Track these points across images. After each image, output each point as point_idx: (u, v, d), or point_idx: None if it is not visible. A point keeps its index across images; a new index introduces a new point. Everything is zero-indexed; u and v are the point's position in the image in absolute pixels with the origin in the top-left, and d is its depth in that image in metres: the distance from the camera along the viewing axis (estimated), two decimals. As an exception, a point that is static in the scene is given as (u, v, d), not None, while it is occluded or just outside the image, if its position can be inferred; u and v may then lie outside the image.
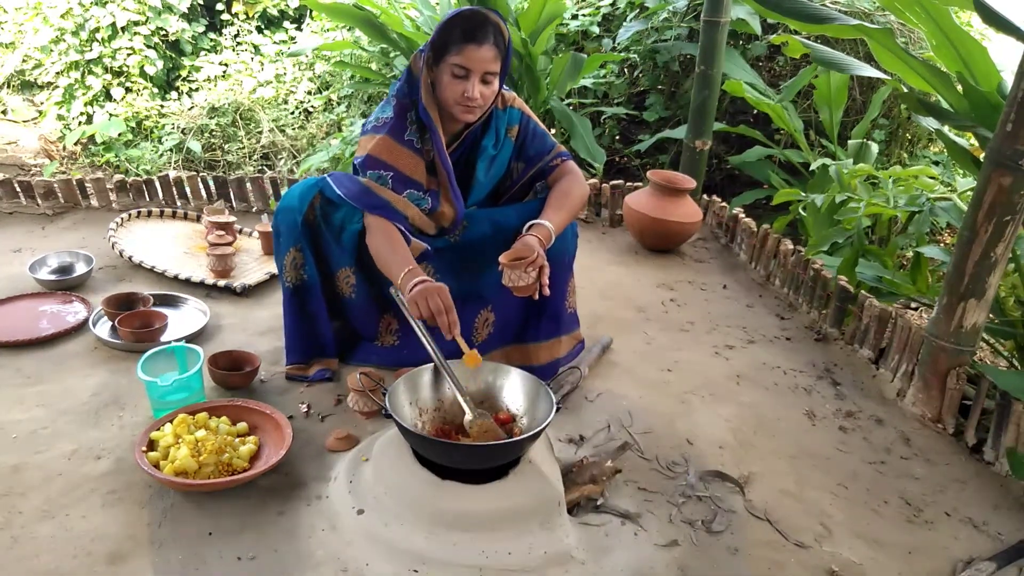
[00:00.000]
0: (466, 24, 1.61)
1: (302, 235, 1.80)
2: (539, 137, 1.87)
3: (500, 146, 1.83)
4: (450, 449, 1.43)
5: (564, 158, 1.87)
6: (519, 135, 1.85)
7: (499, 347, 1.93)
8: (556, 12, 3.55)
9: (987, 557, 1.52)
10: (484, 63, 1.62)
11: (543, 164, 1.86)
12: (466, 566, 1.33)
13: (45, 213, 2.86)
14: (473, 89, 1.63)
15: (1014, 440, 1.80)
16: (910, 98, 2.28)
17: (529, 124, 1.86)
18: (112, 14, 4.36)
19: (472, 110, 1.68)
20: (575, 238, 1.89)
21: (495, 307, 1.88)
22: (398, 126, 1.74)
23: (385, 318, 1.97)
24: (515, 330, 1.93)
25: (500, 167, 1.85)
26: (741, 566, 1.44)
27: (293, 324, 1.89)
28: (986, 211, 1.80)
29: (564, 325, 1.97)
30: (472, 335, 1.88)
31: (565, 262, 1.87)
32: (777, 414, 1.98)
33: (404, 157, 1.75)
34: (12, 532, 1.35)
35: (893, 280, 2.42)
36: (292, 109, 4.68)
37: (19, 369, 1.86)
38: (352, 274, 1.86)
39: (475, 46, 1.60)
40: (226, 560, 1.33)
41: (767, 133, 3.90)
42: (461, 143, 1.81)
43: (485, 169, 1.82)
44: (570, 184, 1.82)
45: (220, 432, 1.57)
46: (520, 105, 1.85)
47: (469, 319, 1.87)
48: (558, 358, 1.96)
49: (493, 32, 1.62)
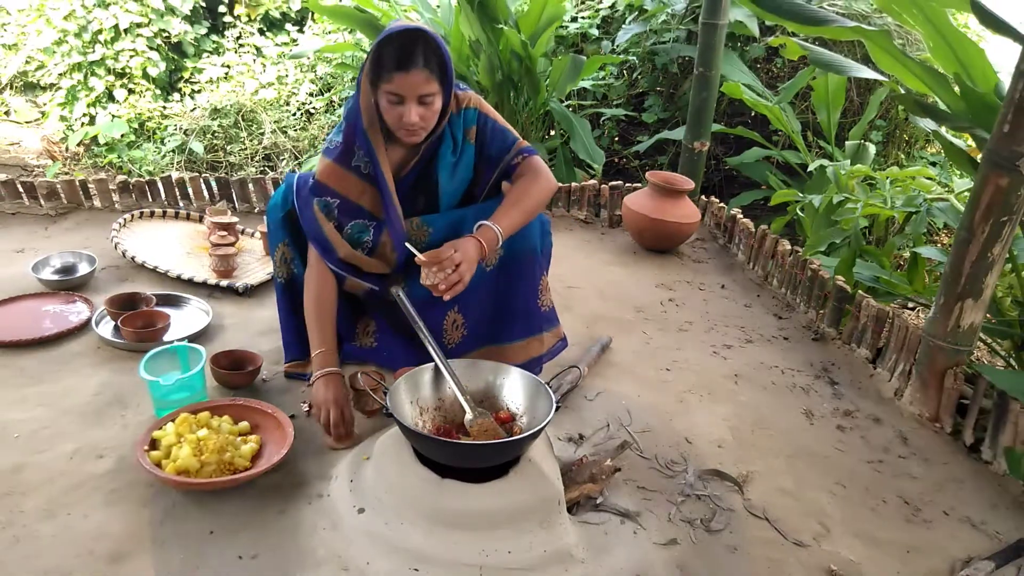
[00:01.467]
0: (395, 49, 1.55)
1: (287, 232, 1.84)
2: (499, 135, 1.79)
3: (460, 151, 1.77)
4: (450, 448, 1.43)
5: (526, 154, 1.79)
6: (478, 136, 1.78)
7: (474, 349, 1.87)
8: (556, 14, 3.57)
9: (985, 556, 1.52)
10: (416, 87, 1.55)
11: (505, 164, 1.79)
12: (466, 564, 1.33)
13: (48, 214, 2.88)
14: (410, 114, 1.58)
15: (1012, 439, 1.80)
16: (907, 99, 2.28)
17: (487, 123, 1.78)
18: (115, 16, 4.38)
19: (415, 133, 1.63)
20: (546, 236, 1.84)
21: (461, 307, 1.84)
22: (346, 152, 1.71)
23: (362, 320, 1.97)
24: (487, 331, 1.87)
25: (466, 171, 1.79)
26: (740, 565, 1.45)
27: (288, 319, 1.91)
28: (983, 212, 1.81)
29: (539, 323, 1.89)
30: (443, 337, 1.85)
31: (533, 259, 1.80)
32: (775, 413, 1.98)
33: (351, 184, 1.73)
34: (14, 531, 1.36)
35: (890, 280, 2.43)
36: (294, 110, 4.70)
37: (22, 369, 1.87)
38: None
39: (403, 73, 1.54)
40: (227, 559, 1.33)
41: (765, 134, 3.91)
42: (419, 158, 1.75)
43: (448, 178, 1.77)
44: (528, 183, 1.74)
45: (222, 431, 1.58)
46: (477, 103, 1.77)
47: (438, 321, 1.83)
48: (537, 356, 1.89)
49: (423, 53, 1.54)
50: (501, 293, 1.82)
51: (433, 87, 1.58)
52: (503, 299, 1.83)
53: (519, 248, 1.76)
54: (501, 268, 1.79)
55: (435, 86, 1.59)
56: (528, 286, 1.83)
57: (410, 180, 1.79)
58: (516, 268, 1.79)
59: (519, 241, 1.75)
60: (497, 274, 1.80)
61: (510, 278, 1.80)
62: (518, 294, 1.82)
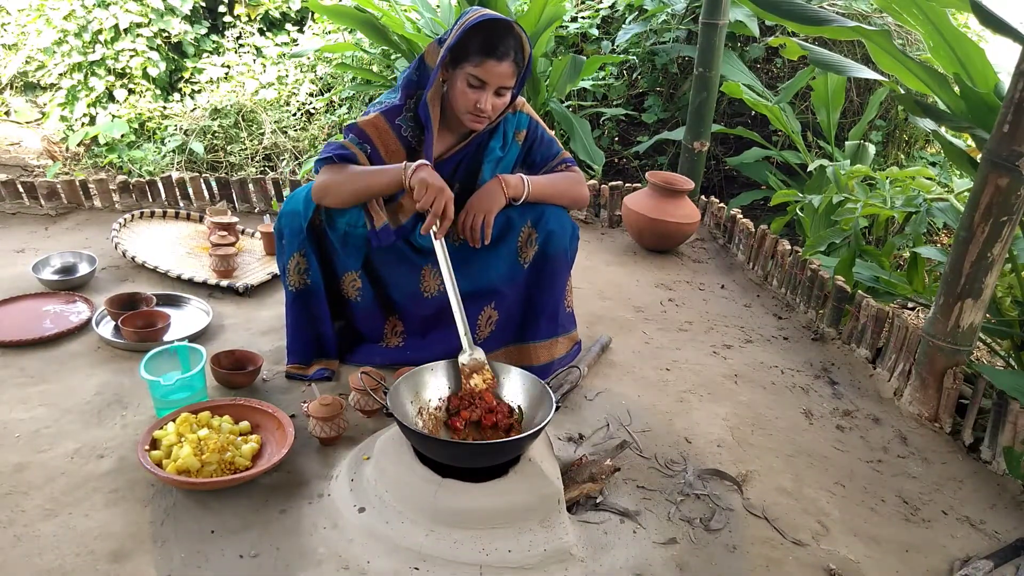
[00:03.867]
0: (489, 35, 1.59)
1: (307, 240, 1.79)
2: (546, 144, 1.89)
3: (507, 149, 1.84)
4: (451, 447, 1.44)
5: (569, 164, 1.90)
6: (527, 140, 1.86)
7: (500, 346, 1.94)
8: (556, 14, 3.57)
9: (984, 555, 1.53)
10: (501, 78, 1.62)
11: (547, 169, 1.89)
12: (466, 563, 1.34)
13: (48, 214, 2.88)
14: (486, 102, 1.64)
15: (1011, 439, 1.81)
16: (907, 99, 2.29)
17: (538, 130, 1.87)
18: (115, 16, 4.38)
19: (481, 120, 1.69)
20: (575, 240, 1.90)
21: (498, 304, 1.89)
22: (394, 111, 1.74)
23: (391, 320, 1.98)
24: (516, 328, 1.94)
25: (506, 168, 1.85)
26: (739, 564, 1.45)
27: (296, 327, 1.91)
28: (983, 212, 1.81)
29: (562, 325, 1.98)
30: (476, 332, 1.89)
31: (565, 261, 1.87)
32: (775, 413, 1.99)
33: (389, 139, 1.75)
34: (15, 530, 1.36)
35: (890, 280, 2.43)
36: (294, 111, 4.70)
37: (22, 368, 1.87)
38: (358, 278, 1.87)
39: (495, 61, 1.59)
40: (228, 558, 1.34)
41: (765, 134, 3.91)
42: (467, 144, 1.81)
43: (491, 171, 1.82)
44: (567, 176, 1.86)
45: (222, 431, 1.58)
46: (529, 111, 1.87)
47: (473, 316, 1.88)
48: (556, 359, 1.97)
49: (515, 47, 1.61)
50: (534, 290, 1.87)
51: (513, 81, 1.65)
52: (535, 296, 1.88)
53: (554, 248, 1.81)
54: (536, 266, 1.84)
55: (515, 81, 1.65)
56: (559, 285, 1.90)
57: (450, 166, 1.82)
58: (549, 267, 1.84)
59: (554, 241, 1.80)
60: (532, 272, 1.85)
61: (543, 276, 1.85)
62: (551, 292, 1.88)
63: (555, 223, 1.81)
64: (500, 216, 1.79)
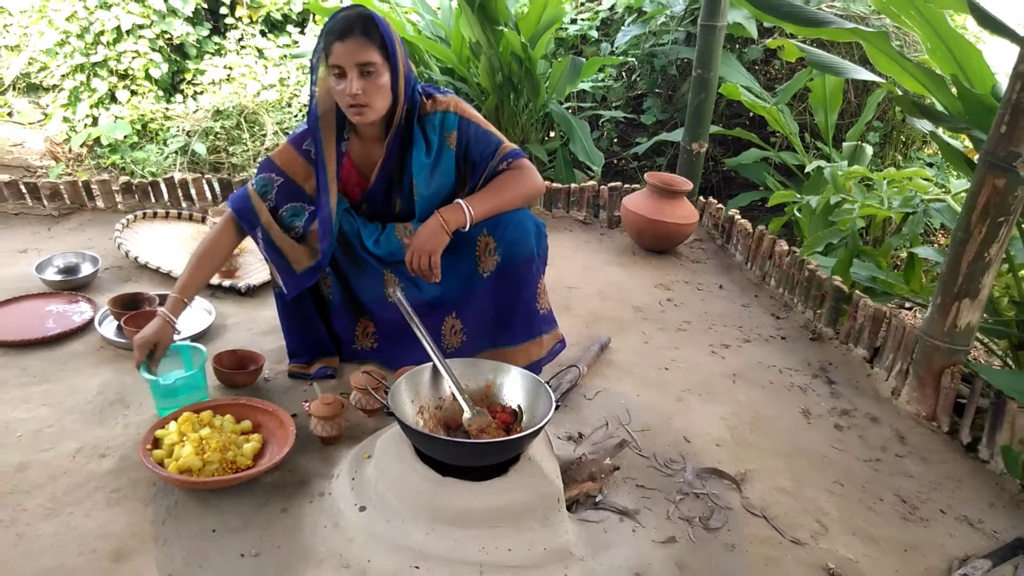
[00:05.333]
0: (334, 24, 1.59)
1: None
2: (482, 139, 1.78)
3: (437, 154, 1.76)
4: (451, 446, 1.44)
5: (511, 159, 1.77)
6: (460, 141, 1.77)
7: (476, 354, 1.87)
8: (555, 16, 3.58)
9: (982, 555, 1.53)
10: (354, 55, 1.57)
11: (491, 168, 1.78)
12: (466, 562, 1.34)
13: (51, 214, 2.89)
14: (351, 85, 1.59)
15: (1008, 438, 1.81)
16: (905, 100, 2.29)
17: (470, 128, 1.77)
18: (117, 17, 4.39)
19: (362, 111, 1.62)
20: (542, 238, 1.81)
21: (459, 313, 1.85)
22: (299, 138, 1.76)
23: (361, 321, 1.96)
24: (489, 335, 1.87)
25: (445, 176, 1.77)
26: (738, 562, 1.45)
27: (290, 327, 1.91)
28: (980, 212, 1.82)
29: (538, 326, 1.88)
30: (442, 342, 1.86)
31: (530, 265, 1.78)
32: (773, 412, 1.99)
33: (297, 166, 1.76)
34: (17, 530, 1.37)
35: (887, 280, 2.44)
36: (296, 112, 4.71)
37: (25, 368, 1.88)
38: (328, 276, 1.87)
39: (340, 43, 1.57)
40: (229, 557, 1.34)
41: (763, 136, 3.92)
42: (386, 155, 1.75)
43: (425, 181, 1.76)
44: (507, 177, 1.75)
45: (224, 430, 1.59)
46: (458, 108, 1.77)
47: (436, 326, 1.85)
48: (537, 359, 1.89)
49: (361, 24, 1.57)
50: (500, 299, 1.81)
51: (372, 55, 1.59)
52: (503, 305, 1.82)
53: (516, 255, 1.75)
54: (499, 275, 1.78)
55: (375, 55, 1.59)
56: (527, 291, 1.82)
57: (383, 181, 1.79)
58: (514, 275, 1.78)
59: (515, 248, 1.74)
60: (495, 282, 1.79)
61: (508, 285, 1.79)
62: (518, 300, 1.81)
63: (513, 230, 1.73)
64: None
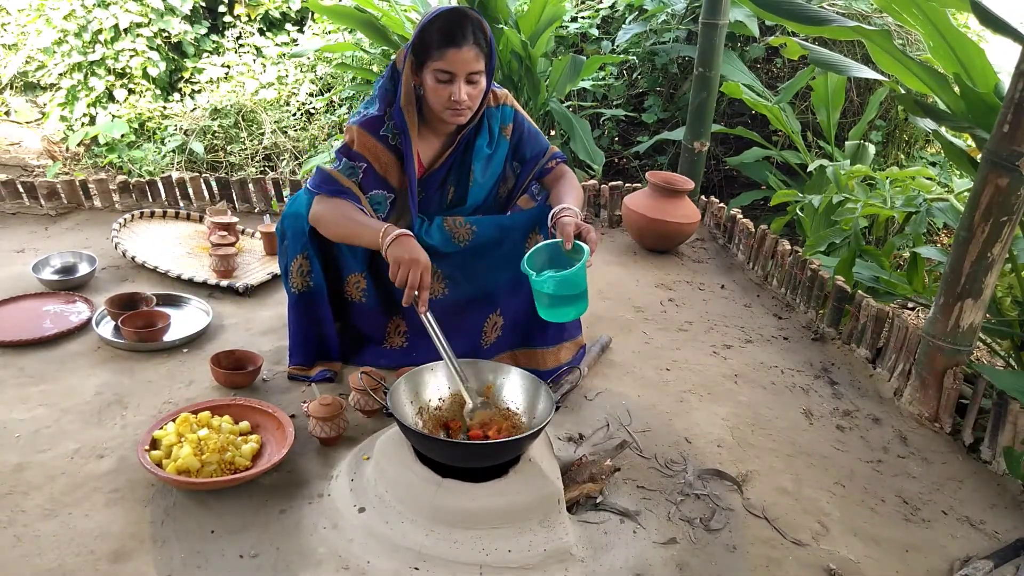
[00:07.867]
0: (444, 26, 1.58)
1: (309, 242, 1.78)
2: (534, 137, 1.87)
3: (495, 145, 1.82)
4: (451, 447, 1.44)
5: (559, 160, 1.88)
6: (514, 134, 1.84)
7: (507, 350, 1.94)
8: (556, 14, 3.57)
9: (984, 555, 1.53)
10: (467, 64, 1.59)
11: (539, 167, 1.87)
12: (466, 563, 1.34)
13: (48, 214, 2.88)
14: (459, 92, 1.61)
15: (1011, 439, 1.81)
16: (907, 99, 2.29)
17: (524, 123, 1.86)
18: (115, 16, 4.38)
19: (461, 113, 1.66)
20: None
21: (503, 311, 1.89)
22: (375, 122, 1.73)
23: (394, 320, 1.97)
24: (523, 333, 1.93)
25: (497, 166, 1.84)
26: (739, 563, 1.45)
27: (298, 328, 1.90)
28: (983, 212, 1.81)
29: (568, 330, 1.98)
30: (481, 339, 1.89)
31: None
32: (775, 413, 1.99)
33: (379, 152, 1.74)
34: (15, 530, 1.36)
35: (890, 280, 2.43)
36: (294, 111, 4.70)
37: (22, 368, 1.87)
38: (363, 279, 1.86)
39: (455, 49, 1.57)
40: (228, 558, 1.34)
41: (765, 135, 3.91)
42: (455, 147, 1.79)
43: (482, 169, 1.81)
44: (573, 182, 1.83)
45: (222, 431, 1.58)
46: (512, 103, 1.83)
47: (478, 323, 1.87)
48: (567, 362, 1.97)
49: (473, 30, 1.59)
50: None
51: (481, 65, 1.62)
52: None
53: None
54: None
55: (483, 64, 1.63)
56: None
57: (443, 171, 1.81)
58: None
59: None
60: None
61: None
62: None
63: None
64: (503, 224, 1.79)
